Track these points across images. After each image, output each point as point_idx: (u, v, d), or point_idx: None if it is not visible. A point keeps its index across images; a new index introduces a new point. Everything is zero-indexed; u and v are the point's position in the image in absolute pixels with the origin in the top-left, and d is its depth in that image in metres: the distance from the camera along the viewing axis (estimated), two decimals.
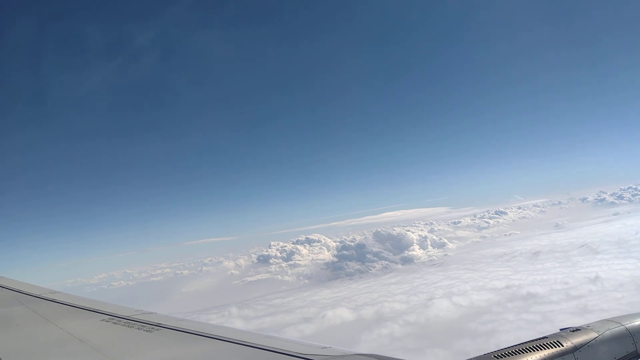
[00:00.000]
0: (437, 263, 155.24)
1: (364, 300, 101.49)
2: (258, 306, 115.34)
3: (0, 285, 9.81)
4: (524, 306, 79.75)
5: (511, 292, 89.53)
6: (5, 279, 10.60)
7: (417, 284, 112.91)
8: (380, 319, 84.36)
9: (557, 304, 77.76)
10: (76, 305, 7.35)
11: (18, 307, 7.71)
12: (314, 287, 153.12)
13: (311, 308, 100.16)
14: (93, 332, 5.58)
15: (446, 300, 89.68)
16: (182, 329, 5.28)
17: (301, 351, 3.93)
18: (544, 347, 4.91)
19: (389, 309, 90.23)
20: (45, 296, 8.29)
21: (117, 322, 5.90)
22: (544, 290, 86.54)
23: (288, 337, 4.75)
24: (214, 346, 4.53)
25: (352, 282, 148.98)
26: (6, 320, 6.80)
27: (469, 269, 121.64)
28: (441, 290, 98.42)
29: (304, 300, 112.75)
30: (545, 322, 70.34)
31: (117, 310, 6.61)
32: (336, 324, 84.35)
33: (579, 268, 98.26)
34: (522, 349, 4.85)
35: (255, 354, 4.11)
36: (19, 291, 9.02)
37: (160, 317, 5.94)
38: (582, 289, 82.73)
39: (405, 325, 78.83)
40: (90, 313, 6.70)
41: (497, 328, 71.38)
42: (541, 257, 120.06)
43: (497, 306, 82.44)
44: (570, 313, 71.56)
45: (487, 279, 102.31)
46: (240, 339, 4.53)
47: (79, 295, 8.25)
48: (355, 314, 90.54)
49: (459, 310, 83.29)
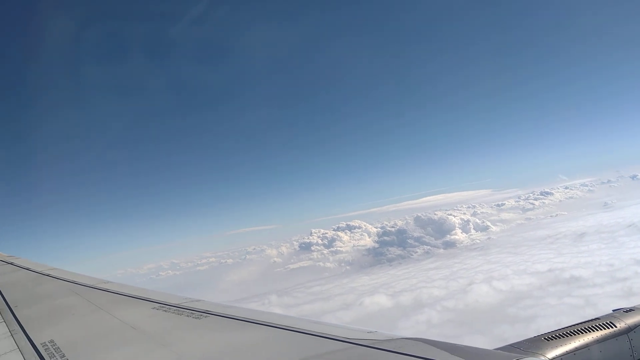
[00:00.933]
0: (478, 247, 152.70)
1: (402, 287, 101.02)
2: (298, 294, 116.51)
3: (55, 276, 10.16)
4: (566, 290, 77.73)
5: (554, 275, 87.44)
6: (60, 270, 10.93)
7: (456, 269, 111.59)
8: (418, 305, 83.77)
9: (600, 287, 75.41)
10: (128, 294, 7.54)
11: (73, 297, 8.00)
12: (354, 273, 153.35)
13: (350, 295, 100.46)
14: (145, 320, 5.77)
15: (486, 285, 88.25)
16: (230, 315, 5.34)
17: (348, 336, 3.94)
18: (596, 329, 4.92)
19: (427, 295, 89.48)
20: (98, 286, 8.53)
21: (167, 310, 6.03)
22: (588, 273, 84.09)
23: (335, 322, 4.76)
24: (261, 332, 4.58)
25: (392, 268, 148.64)
26: (62, 309, 7.02)
27: (511, 252, 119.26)
28: (481, 275, 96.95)
29: (343, 287, 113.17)
30: (588, 306, 68.39)
31: (166, 298, 6.73)
32: (374, 311, 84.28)
33: (625, 249, 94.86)
34: (573, 331, 4.86)
35: (304, 339, 4.14)
36: (74, 282, 9.26)
37: (208, 305, 6.01)
38: (628, 270, 79.94)
39: (443, 311, 78.04)
40: (141, 302, 6.88)
41: (537, 313, 69.76)
42: (586, 238, 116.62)
43: (538, 290, 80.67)
44: (615, 296, 69.09)
45: (529, 263, 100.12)
46: (288, 325, 4.57)
47: (130, 285, 8.47)
48: (393, 300, 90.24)
49: (499, 295, 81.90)
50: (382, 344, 3.62)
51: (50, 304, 7.59)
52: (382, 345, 3.61)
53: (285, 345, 4.10)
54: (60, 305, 7.37)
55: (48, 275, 10.43)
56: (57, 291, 8.69)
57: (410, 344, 3.56)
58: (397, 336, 3.79)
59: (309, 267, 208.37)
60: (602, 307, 64.62)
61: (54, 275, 10.35)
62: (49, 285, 9.38)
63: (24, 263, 12.59)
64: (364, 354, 3.50)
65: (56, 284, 9.40)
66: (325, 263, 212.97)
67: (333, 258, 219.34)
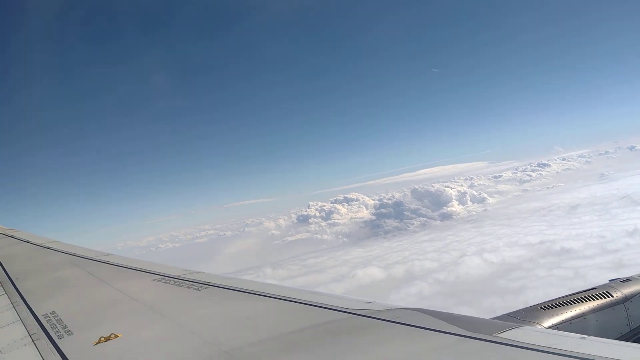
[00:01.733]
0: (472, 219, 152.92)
1: (395, 259, 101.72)
2: (292, 266, 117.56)
3: (56, 249, 10.27)
4: (556, 262, 78.15)
5: (545, 247, 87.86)
6: (60, 243, 11.02)
7: (449, 241, 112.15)
8: (410, 277, 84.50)
9: (591, 259, 75.68)
10: (128, 266, 7.61)
11: (74, 269, 8.10)
12: (351, 245, 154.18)
13: (343, 267, 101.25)
14: (145, 292, 5.86)
15: (477, 257, 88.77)
16: (230, 287, 5.40)
17: (347, 306, 3.99)
18: (593, 298, 4.97)
19: (419, 267, 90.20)
20: (98, 258, 8.62)
21: (167, 282, 6.11)
22: (579, 245, 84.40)
23: (334, 293, 4.83)
24: (262, 303, 4.63)
25: (386, 240, 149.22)
26: (64, 282, 7.09)
27: (504, 224, 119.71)
28: (473, 247, 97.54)
29: (337, 260, 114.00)
30: (577, 277, 68.67)
31: (167, 270, 6.80)
32: (366, 283, 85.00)
33: (617, 221, 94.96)
34: (570, 300, 4.91)
35: (303, 309, 4.19)
36: (74, 254, 9.42)
37: (209, 276, 6.08)
38: (619, 242, 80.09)
39: (434, 283, 78.70)
40: (142, 274, 6.95)
41: (526, 285, 70.21)
42: (579, 210, 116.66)
43: (528, 262, 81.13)
44: (604, 268, 69.21)
45: (520, 235, 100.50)
46: (288, 296, 4.62)
47: (130, 257, 8.61)
48: (385, 272, 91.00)
49: (489, 268, 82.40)
50: (380, 314, 3.68)
51: (51, 276, 7.68)
52: (380, 315, 3.66)
53: (286, 316, 4.16)
54: (61, 278, 7.49)
55: (48, 248, 10.55)
56: (57, 264, 8.77)
57: (408, 313, 3.61)
58: (395, 306, 3.83)
59: (306, 240, 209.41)
60: (591, 279, 64.97)
61: (54, 248, 10.47)
62: (50, 258, 9.50)
63: (24, 236, 12.77)
64: (363, 324, 3.55)
65: (57, 257, 9.51)
66: (323, 235, 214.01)
67: (330, 230, 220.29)
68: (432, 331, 3.19)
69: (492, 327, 3.15)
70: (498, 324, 3.25)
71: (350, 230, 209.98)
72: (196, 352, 3.48)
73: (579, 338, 2.84)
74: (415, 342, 3.13)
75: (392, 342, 3.18)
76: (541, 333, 3.60)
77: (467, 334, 3.02)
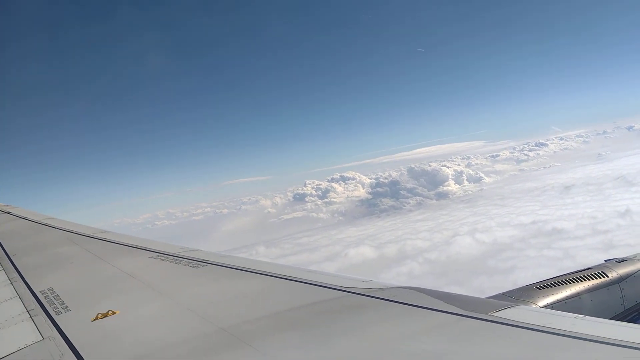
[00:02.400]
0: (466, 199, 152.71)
1: (388, 238, 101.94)
2: (285, 245, 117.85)
3: (53, 226, 10.30)
4: (547, 242, 78.15)
5: (536, 227, 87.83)
6: (58, 219, 11.04)
7: (442, 220, 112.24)
8: (402, 256, 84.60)
9: (581, 239, 75.65)
10: (126, 243, 7.63)
11: (71, 246, 8.10)
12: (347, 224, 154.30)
13: (335, 246, 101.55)
14: (143, 269, 5.90)
15: (469, 237, 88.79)
16: (227, 264, 5.43)
17: (344, 284, 4.05)
18: (588, 278, 5.02)
19: (411, 246, 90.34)
20: (96, 235, 8.64)
21: (164, 259, 6.13)
22: (571, 225, 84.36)
23: (331, 272, 4.87)
24: (259, 281, 4.68)
25: (379, 219, 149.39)
26: (61, 259, 7.12)
27: (497, 204, 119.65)
28: (466, 227, 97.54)
29: (330, 239, 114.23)
30: (567, 258, 68.93)
31: (164, 247, 6.82)
32: (357, 262, 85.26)
33: (610, 201, 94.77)
34: (565, 280, 4.96)
35: (301, 288, 4.25)
36: (72, 231, 9.43)
37: (206, 254, 6.11)
38: (610, 223, 79.91)
39: (425, 263, 78.85)
40: (139, 251, 6.99)
41: (516, 265, 70.46)
42: (573, 190, 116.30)
43: (520, 242, 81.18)
44: (594, 249, 69.49)
45: (513, 215, 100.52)
46: (285, 274, 4.66)
47: (127, 234, 8.61)
48: (377, 252, 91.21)
49: (481, 247, 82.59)
50: (376, 292, 3.73)
51: (48, 252, 7.71)
52: (376, 293, 3.71)
53: (283, 294, 4.20)
54: (58, 254, 7.51)
55: (46, 225, 10.60)
56: (55, 240, 8.80)
57: (404, 292, 3.65)
58: (391, 285, 3.90)
59: (302, 218, 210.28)
60: (580, 260, 65.11)
61: (51, 224, 10.52)
62: (47, 235, 9.54)
63: (21, 212, 12.83)
64: (360, 302, 3.59)
65: (54, 233, 9.56)
66: (319, 214, 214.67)
67: (326, 209, 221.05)
68: (428, 310, 3.22)
69: (487, 306, 3.17)
70: (493, 303, 3.27)
71: (346, 209, 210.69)
72: (193, 329, 3.49)
73: (574, 317, 2.86)
74: (411, 320, 3.15)
75: (389, 320, 3.20)
76: (536, 312, 3.59)
77: (462, 313, 3.05)
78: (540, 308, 4.49)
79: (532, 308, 4.26)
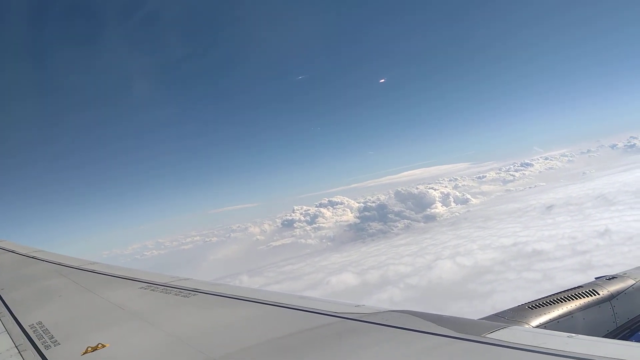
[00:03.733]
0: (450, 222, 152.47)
1: (371, 264, 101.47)
2: (269, 273, 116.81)
3: (41, 258, 10.13)
4: (526, 264, 78.08)
5: (517, 249, 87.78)
6: (46, 252, 10.89)
7: (426, 244, 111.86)
8: (383, 283, 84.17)
9: (560, 260, 75.72)
10: (115, 274, 7.51)
11: (60, 279, 7.95)
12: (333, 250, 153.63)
13: (319, 274, 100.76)
14: (133, 300, 5.78)
15: (450, 261, 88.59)
16: (219, 293, 5.36)
17: (337, 310, 4.01)
18: (580, 296, 5.01)
19: (393, 272, 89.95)
20: (85, 267, 8.50)
21: (155, 289, 6.02)
22: (550, 246, 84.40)
23: (323, 298, 4.80)
24: (251, 309, 4.61)
25: (364, 245, 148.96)
26: (50, 292, 6.98)
27: (480, 226, 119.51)
28: (448, 251, 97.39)
29: (314, 266, 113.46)
30: (545, 280, 69.00)
31: (154, 277, 6.72)
32: (339, 290, 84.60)
33: (590, 221, 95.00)
34: (557, 299, 4.94)
35: (293, 315, 4.19)
36: (60, 263, 9.26)
37: (197, 283, 6.05)
38: (589, 243, 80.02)
39: (406, 288, 78.43)
40: (129, 282, 6.86)
41: (495, 288, 70.33)
42: (555, 210, 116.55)
43: (500, 265, 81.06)
44: (573, 270, 69.51)
45: (495, 237, 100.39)
46: (277, 301, 4.61)
47: (116, 265, 8.50)
48: (359, 278, 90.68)
49: (461, 271, 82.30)
50: (369, 317, 3.71)
51: (37, 286, 7.62)
52: (369, 318, 3.69)
53: (276, 321, 4.16)
54: (47, 287, 7.40)
55: (33, 258, 10.46)
56: (43, 273, 8.67)
57: (397, 316, 3.64)
58: (384, 309, 3.88)
59: (291, 244, 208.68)
60: (558, 281, 65.06)
61: (39, 257, 10.38)
62: (35, 268, 9.40)
63: (8, 245, 12.64)
64: (354, 327, 3.57)
65: (42, 266, 9.42)
66: (307, 240, 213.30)
67: (315, 235, 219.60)
68: (421, 333, 3.21)
69: (480, 327, 3.14)
70: (486, 325, 3.24)
71: (334, 234, 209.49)
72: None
73: (567, 337, 2.84)
74: (405, 344, 3.13)
75: (382, 344, 3.18)
76: (529, 332, 3.63)
77: (456, 335, 3.03)
78: (533, 328, 4.47)
79: (525, 328, 4.28)
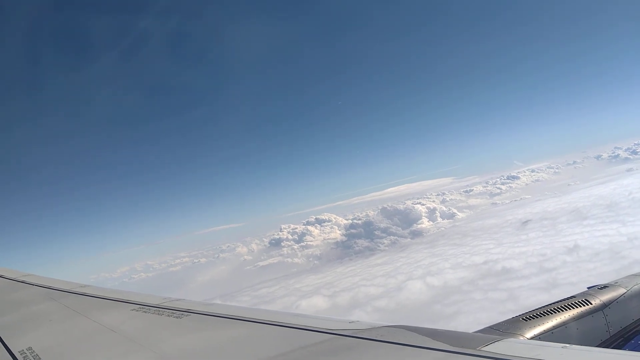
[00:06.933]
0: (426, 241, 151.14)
1: (344, 286, 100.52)
2: (243, 297, 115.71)
3: (30, 282, 9.89)
4: (494, 283, 77.54)
5: (487, 267, 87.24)
6: (35, 276, 10.62)
7: (400, 263, 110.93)
8: (353, 306, 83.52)
9: (527, 278, 75.22)
10: (106, 297, 7.37)
11: (50, 302, 7.70)
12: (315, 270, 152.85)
13: (291, 297, 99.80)
14: (125, 322, 5.60)
15: (420, 281, 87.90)
16: (211, 313, 5.22)
17: (331, 327, 3.89)
18: (573, 307, 5.05)
19: (364, 294, 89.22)
20: (75, 290, 8.22)
21: (147, 311, 5.83)
22: (519, 264, 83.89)
23: (316, 315, 4.70)
24: (245, 328, 4.46)
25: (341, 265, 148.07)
26: (39, 316, 6.76)
27: (456, 244, 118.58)
28: (420, 270, 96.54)
29: (287, 289, 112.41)
30: (510, 300, 68.72)
31: (146, 299, 6.51)
32: (309, 314, 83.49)
33: (561, 237, 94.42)
34: (551, 310, 4.97)
35: (287, 333, 4.05)
36: (50, 287, 8.99)
37: (189, 303, 5.86)
38: (557, 260, 79.52)
39: (373, 311, 77.60)
40: (120, 304, 6.64)
41: (461, 309, 69.86)
42: (530, 226, 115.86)
43: (468, 285, 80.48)
44: (538, 289, 69.26)
45: (467, 255, 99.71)
46: (271, 320, 4.47)
47: (108, 288, 8.29)
48: (330, 301, 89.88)
49: (430, 292, 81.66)
50: (364, 333, 3.62)
51: (26, 310, 7.36)
52: (364, 334, 3.60)
53: (270, 340, 4.02)
54: (36, 312, 7.14)
55: (22, 282, 10.14)
56: (32, 297, 8.38)
57: (392, 331, 3.55)
58: (379, 324, 3.78)
59: (278, 264, 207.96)
60: (522, 301, 64.46)
61: (28, 281, 10.06)
62: (24, 292, 9.11)
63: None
64: (349, 344, 3.48)
65: (31, 290, 9.12)
66: (294, 259, 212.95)
67: (302, 253, 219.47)
68: (417, 348, 3.15)
69: (475, 340, 3.09)
70: (481, 338, 3.18)
71: (321, 252, 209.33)
72: None
73: (561, 347, 2.84)
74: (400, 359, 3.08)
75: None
76: (524, 344, 3.59)
77: (451, 349, 2.99)
78: (527, 340, 4.51)
79: (519, 340, 4.28)
